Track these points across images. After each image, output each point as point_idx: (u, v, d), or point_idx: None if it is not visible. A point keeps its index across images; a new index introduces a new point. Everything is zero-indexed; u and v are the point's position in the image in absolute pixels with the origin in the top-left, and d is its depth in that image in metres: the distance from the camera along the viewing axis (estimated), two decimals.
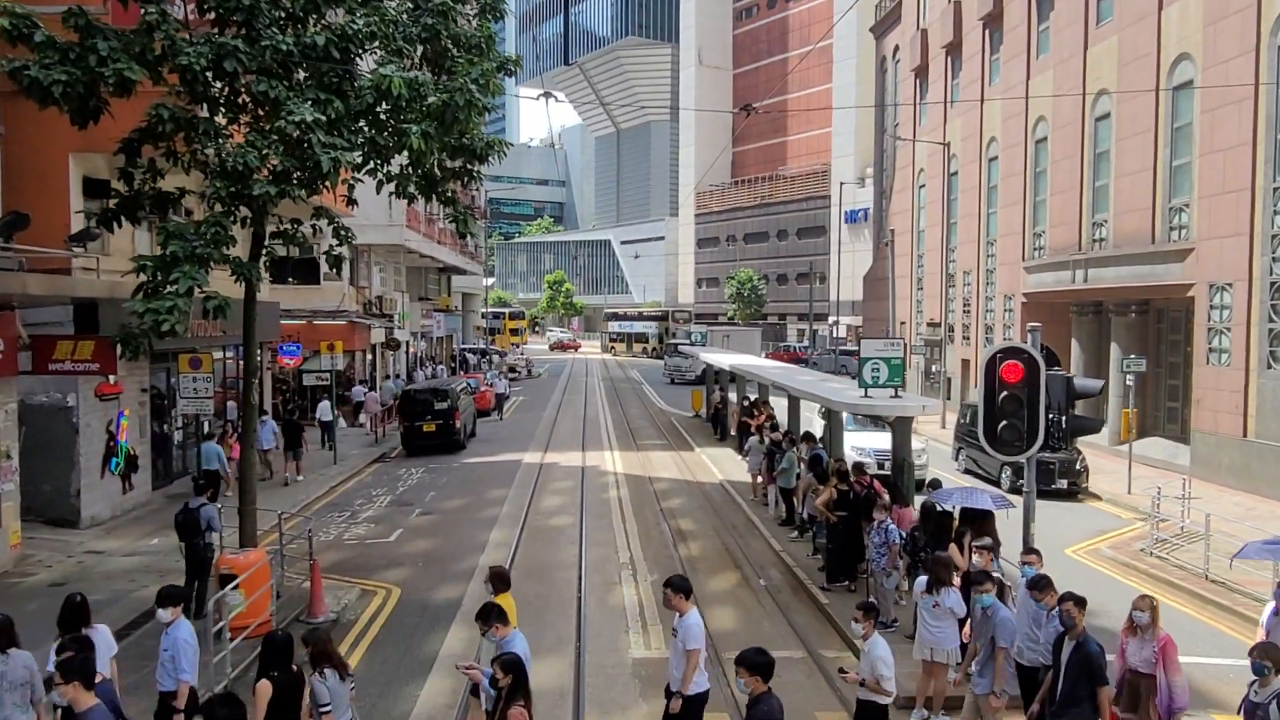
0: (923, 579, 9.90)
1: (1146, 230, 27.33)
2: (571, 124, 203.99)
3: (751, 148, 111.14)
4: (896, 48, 52.96)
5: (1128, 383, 24.47)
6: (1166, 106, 26.71)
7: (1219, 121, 24.15)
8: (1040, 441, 10.08)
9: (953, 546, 10.69)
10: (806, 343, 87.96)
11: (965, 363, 41.56)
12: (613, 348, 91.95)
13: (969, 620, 9.79)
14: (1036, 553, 9.44)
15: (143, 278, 11.67)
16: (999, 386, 10.13)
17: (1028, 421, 10.08)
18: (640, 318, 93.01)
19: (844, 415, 21.16)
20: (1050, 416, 10.16)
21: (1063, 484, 21.92)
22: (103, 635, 8.50)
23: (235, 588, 11.78)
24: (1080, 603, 8.22)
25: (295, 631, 12.78)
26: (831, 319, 76.73)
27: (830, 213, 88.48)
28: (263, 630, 12.19)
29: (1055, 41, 33.12)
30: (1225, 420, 24.03)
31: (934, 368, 44.14)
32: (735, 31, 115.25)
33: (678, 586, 8.34)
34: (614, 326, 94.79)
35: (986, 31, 38.97)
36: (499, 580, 9.29)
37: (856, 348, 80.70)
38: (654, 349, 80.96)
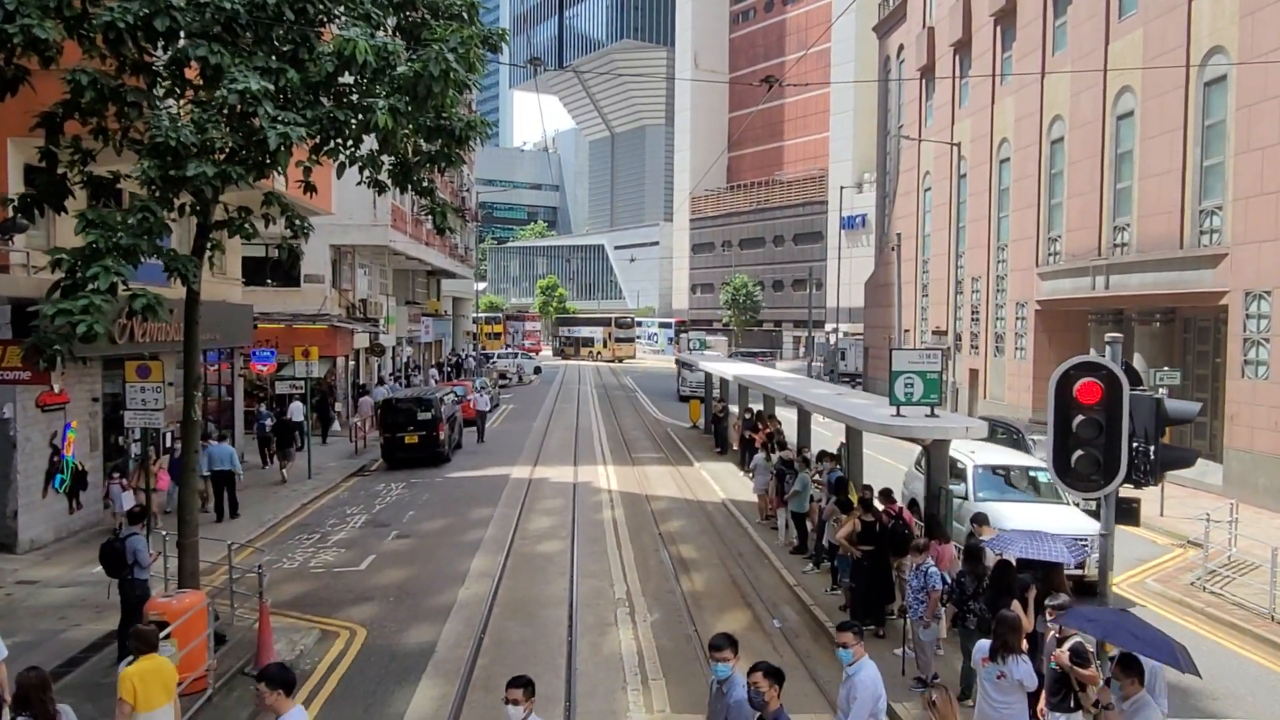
0: (984, 643, 8.19)
1: (1174, 234, 25.72)
2: (565, 128, 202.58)
3: (748, 152, 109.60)
4: (901, 47, 51.41)
5: (1158, 396, 22.79)
6: (1197, 103, 25.11)
7: (1257, 118, 22.56)
8: (1123, 475, 8.41)
9: (1016, 604, 8.96)
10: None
11: (973, 372, 39.95)
12: (564, 351, 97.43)
13: (1041, 692, 8.13)
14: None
15: (59, 273, 9.97)
16: (1073, 409, 8.45)
17: (1107, 451, 8.40)
18: (587, 323, 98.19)
19: (994, 477, 16.78)
20: (1135, 446, 8.48)
21: (1092, 504, 20.21)
22: None
23: (167, 637, 10.05)
24: (774, 675, 6.33)
25: (243, 684, 11.16)
26: (830, 326, 75.16)
27: (828, 218, 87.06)
28: (198, 686, 10.48)
29: (1073, 36, 31.55)
30: (1263, 437, 22.40)
31: (941, 377, 42.59)
32: (732, 35, 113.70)
33: (273, 679, 6.41)
34: (564, 331, 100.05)
35: (998, 28, 37.42)
36: (141, 641, 7.75)
37: (756, 350, 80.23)
38: (598, 352, 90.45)
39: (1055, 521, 14.65)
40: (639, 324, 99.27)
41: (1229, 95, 23.86)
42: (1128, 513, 8.81)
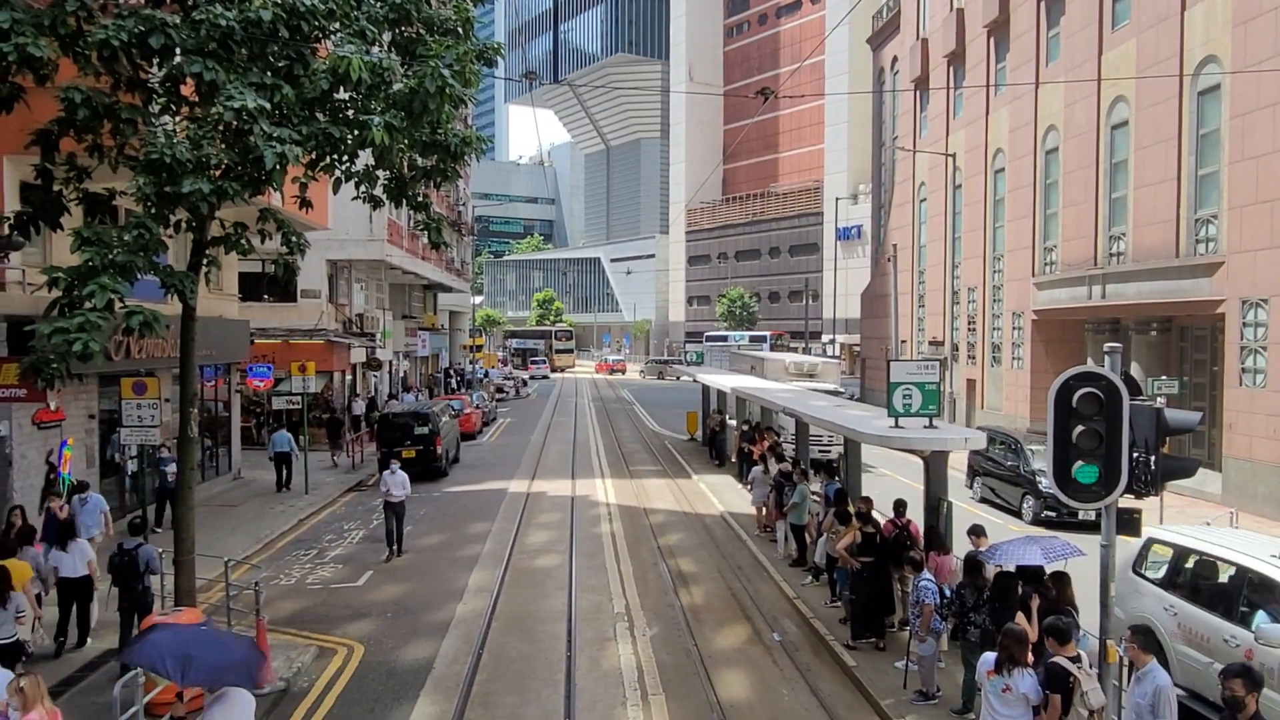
0: (989, 656, 8.14)
1: (1170, 243, 25.77)
2: (561, 141, 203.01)
3: (742, 165, 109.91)
4: (895, 59, 51.59)
5: (1158, 406, 22.77)
6: (1191, 112, 25.20)
7: (1251, 127, 22.63)
8: (1124, 486, 8.37)
9: (1020, 616, 8.91)
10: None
11: (970, 382, 39.94)
12: (511, 361, 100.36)
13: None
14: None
15: (56, 292, 9.94)
16: (1072, 419, 8.42)
17: (1107, 461, 8.37)
18: (531, 335, 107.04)
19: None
20: (1136, 456, 8.45)
21: (1091, 514, 20.00)
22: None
23: None
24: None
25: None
26: (826, 337, 75.13)
27: (823, 230, 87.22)
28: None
29: (1066, 47, 31.67)
30: (1261, 446, 22.39)
31: (939, 388, 42.57)
32: (726, 48, 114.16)
33: None
34: (513, 343, 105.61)
35: (991, 39, 37.55)
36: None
37: (672, 357, 79.68)
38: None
39: None
40: (724, 338, 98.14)
41: (1223, 104, 23.94)
42: (1129, 523, 8.77)
